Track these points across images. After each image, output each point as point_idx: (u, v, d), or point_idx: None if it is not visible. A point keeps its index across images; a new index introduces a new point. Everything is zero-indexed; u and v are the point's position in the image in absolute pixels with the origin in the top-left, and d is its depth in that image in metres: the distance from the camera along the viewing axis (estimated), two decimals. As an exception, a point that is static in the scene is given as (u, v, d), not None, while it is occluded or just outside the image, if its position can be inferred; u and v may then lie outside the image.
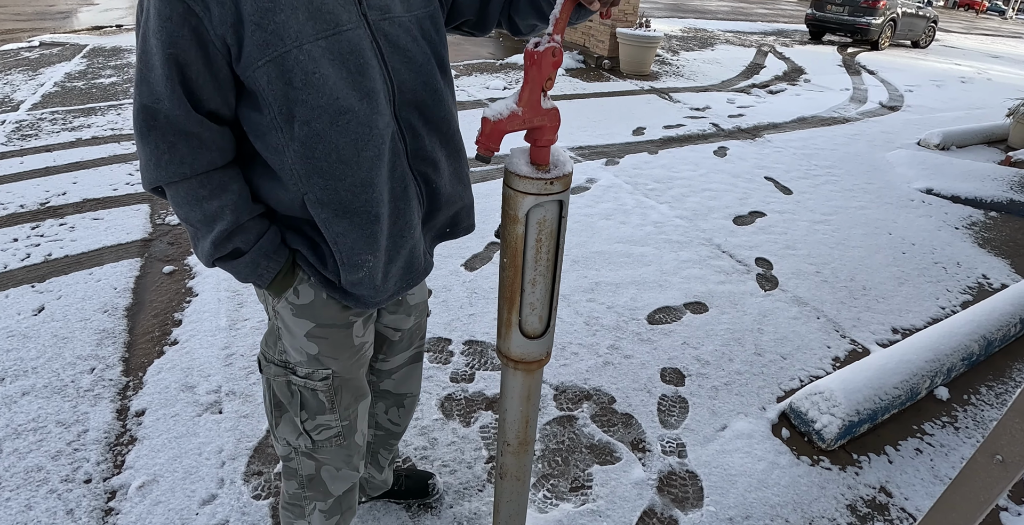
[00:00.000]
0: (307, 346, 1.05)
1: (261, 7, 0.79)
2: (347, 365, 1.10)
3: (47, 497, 1.63)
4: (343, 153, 0.88)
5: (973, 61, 11.93)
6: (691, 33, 11.64)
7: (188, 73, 0.81)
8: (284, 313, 1.04)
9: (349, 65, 0.86)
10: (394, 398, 1.40)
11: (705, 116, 5.86)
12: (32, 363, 2.11)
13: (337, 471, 1.19)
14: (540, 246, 0.84)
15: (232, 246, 0.93)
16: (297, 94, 0.83)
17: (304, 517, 1.24)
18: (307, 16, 0.82)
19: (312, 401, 1.09)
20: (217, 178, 0.90)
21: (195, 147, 0.86)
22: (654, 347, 2.40)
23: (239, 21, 0.79)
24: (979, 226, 3.87)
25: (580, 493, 1.75)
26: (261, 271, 0.96)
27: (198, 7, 0.77)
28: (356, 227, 0.94)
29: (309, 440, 1.12)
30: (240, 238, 0.93)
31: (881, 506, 1.81)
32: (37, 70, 6.34)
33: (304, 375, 1.07)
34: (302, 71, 0.82)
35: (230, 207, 0.90)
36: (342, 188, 0.91)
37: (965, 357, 2.36)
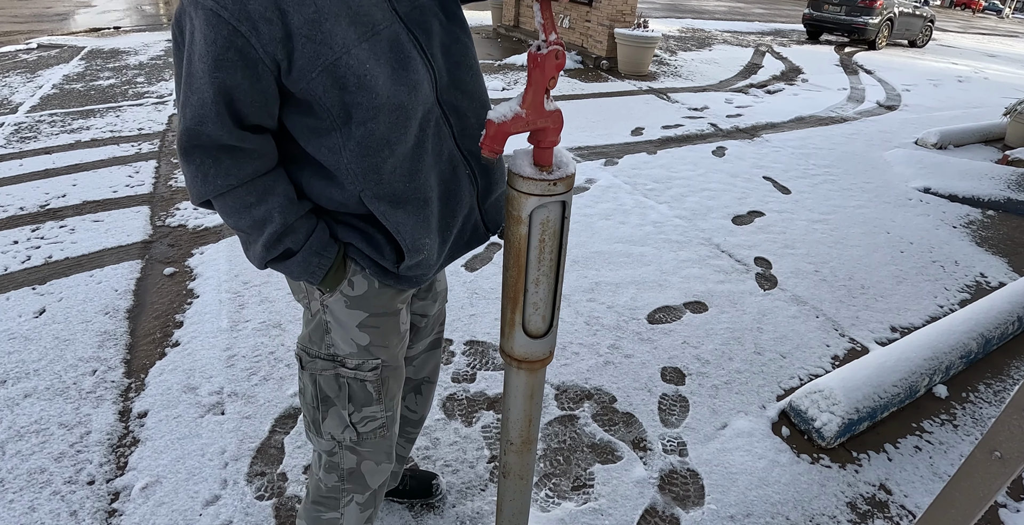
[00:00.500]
0: (358, 337, 1.07)
1: (308, 19, 0.80)
2: (394, 353, 1.13)
3: (51, 499, 1.64)
4: (394, 148, 0.91)
5: (970, 60, 11.96)
6: (689, 33, 11.66)
7: (235, 95, 0.83)
8: (335, 306, 1.06)
9: (392, 62, 0.88)
10: (412, 384, 1.43)
11: (703, 116, 5.88)
12: (34, 365, 2.12)
13: (377, 465, 1.21)
14: (543, 246, 0.85)
15: (283, 247, 0.95)
16: (352, 97, 0.85)
17: (338, 509, 1.24)
18: (348, 21, 0.84)
19: (360, 393, 1.11)
20: (262, 183, 0.91)
21: (239, 159, 0.88)
22: (654, 346, 2.41)
23: (288, 36, 0.80)
24: (977, 225, 3.89)
25: (582, 492, 1.76)
26: (313, 269, 0.97)
27: (244, 28, 0.78)
28: (411, 214, 0.97)
29: (355, 433, 1.14)
30: (290, 239, 0.94)
31: (881, 503, 1.82)
32: (35, 72, 6.34)
33: (354, 367, 1.09)
34: (354, 75, 0.84)
35: (277, 210, 0.92)
36: (395, 180, 0.94)
37: (964, 355, 2.37)
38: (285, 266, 0.97)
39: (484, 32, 10.32)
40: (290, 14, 0.79)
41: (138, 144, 4.35)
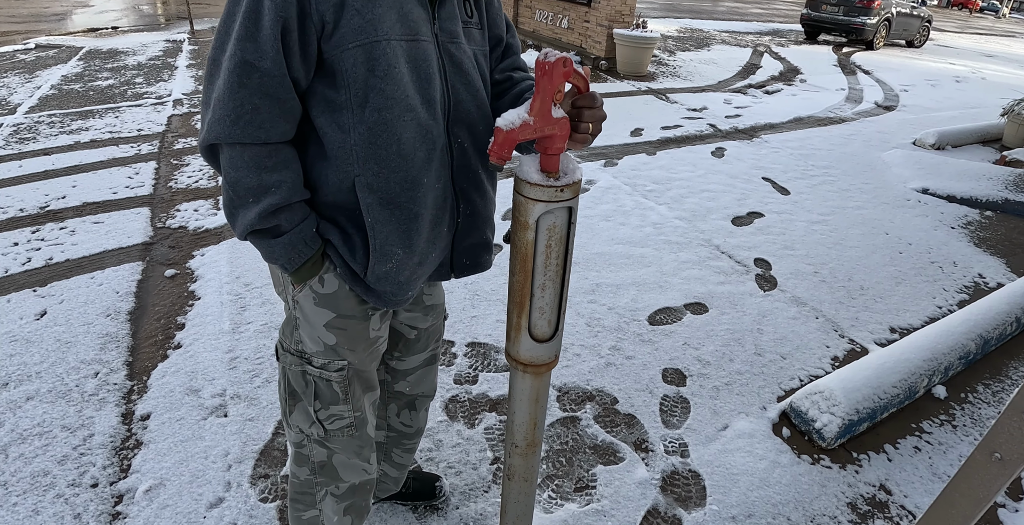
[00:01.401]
0: (325, 336, 1.07)
1: (351, 3, 0.85)
2: (362, 357, 1.12)
3: (54, 502, 1.64)
4: (403, 147, 0.93)
5: (967, 60, 12.00)
6: (687, 33, 11.68)
7: (288, 39, 0.86)
8: (304, 303, 1.06)
9: (419, 71, 0.93)
10: (406, 399, 1.42)
11: (702, 117, 5.89)
12: (36, 368, 2.12)
13: (348, 460, 1.21)
14: (550, 252, 0.86)
15: (276, 221, 0.94)
16: (376, 82, 0.89)
17: (315, 505, 1.25)
18: (397, 17, 0.89)
19: (326, 391, 1.12)
20: (284, 152, 0.93)
21: (276, 115, 0.89)
22: (655, 348, 2.42)
23: (341, 4, 0.85)
24: (975, 225, 3.91)
25: (584, 493, 1.76)
26: (294, 254, 0.97)
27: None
28: (395, 219, 0.98)
29: (322, 429, 1.15)
30: (285, 216, 0.94)
31: (881, 504, 1.83)
32: (33, 73, 6.33)
33: (320, 365, 1.10)
34: (386, 62, 0.88)
35: (288, 183, 0.93)
36: (393, 179, 0.95)
37: (962, 356, 2.38)
38: (268, 244, 0.96)
39: (483, 32, 10.31)
40: None
41: (138, 145, 4.35)
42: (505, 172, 4.00)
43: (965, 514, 1.17)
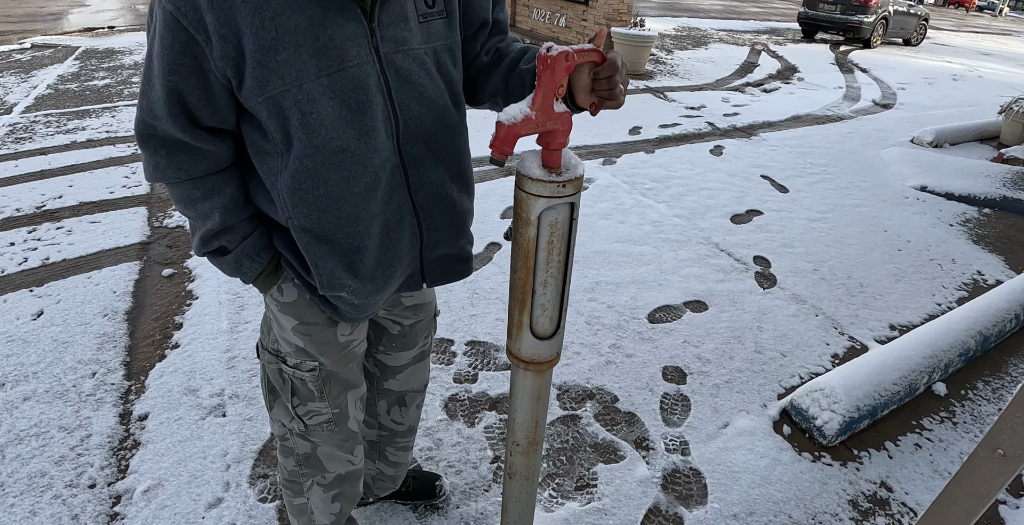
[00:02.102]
0: (294, 339, 1.08)
1: (263, 44, 0.79)
2: (334, 360, 1.12)
3: (52, 503, 1.63)
4: (331, 189, 0.90)
5: (964, 58, 12.02)
6: (685, 32, 11.67)
7: (187, 98, 0.83)
8: (272, 307, 1.08)
9: (350, 103, 0.86)
10: (396, 396, 1.40)
11: (700, 115, 5.89)
12: (33, 368, 2.11)
13: (332, 452, 1.21)
14: (552, 248, 0.85)
15: (218, 244, 0.97)
16: (295, 131, 0.85)
17: (303, 493, 1.26)
18: (311, 53, 0.81)
19: (302, 389, 1.12)
20: (211, 181, 0.93)
21: (193, 156, 0.89)
22: (655, 346, 2.41)
23: (240, 56, 0.79)
24: (973, 223, 3.91)
25: (586, 492, 1.76)
26: (244, 270, 1.00)
27: (200, 38, 0.78)
28: (336, 254, 0.96)
29: (302, 424, 1.16)
30: (226, 238, 0.97)
31: (882, 501, 1.83)
32: (29, 72, 6.30)
33: (293, 365, 1.10)
34: (299, 111, 0.83)
35: (220, 209, 0.94)
36: (326, 220, 0.93)
37: (962, 353, 2.38)
38: (218, 262, 1.00)
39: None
40: (246, 36, 0.78)
41: (134, 144, 4.33)
42: (504, 171, 3.99)
43: (967, 510, 1.17)
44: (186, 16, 0.77)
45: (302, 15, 0.80)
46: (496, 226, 3.25)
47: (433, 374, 2.17)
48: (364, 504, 1.67)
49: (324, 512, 1.29)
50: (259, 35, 0.78)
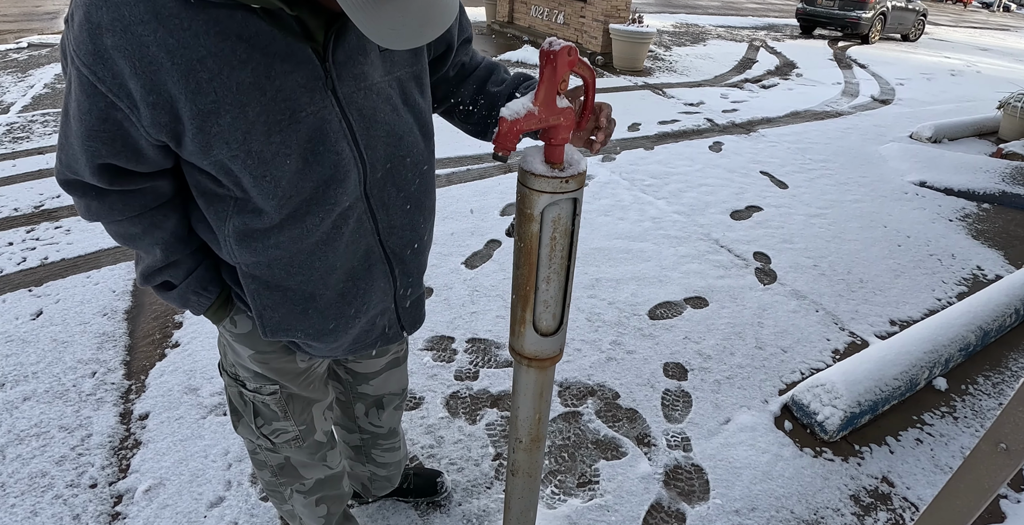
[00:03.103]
0: (251, 365, 1.04)
1: (202, 110, 0.69)
2: (295, 383, 1.09)
3: (53, 503, 1.63)
4: (286, 241, 0.84)
5: (962, 54, 12.01)
6: (683, 28, 11.66)
7: (113, 160, 0.75)
8: (225, 335, 1.04)
9: (306, 155, 0.78)
10: (372, 399, 1.34)
11: (699, 111, 5.88)
12: (32, 368, 2.10)
13: (306, 461, 1.20)
14: (555, 244, 0.85)
15: (162, 279, 0.92)
16: (249, 187, 0.77)
17: (286, 501, 1.25)
18: (259, 110, 0.72)
19: (265, 410, 1.09)
20: (150, 217, 0.85)
21: (126, 198, 0.81)
22: (656, 342, 2.41)
23: (176, 121, 0.70)
24: (972, 218, 3.91)
25: (588, 488, 1.76)
26: (191, 305, 0.95)
27: (124, 105, 0.68)
28: (287, 303, 0.92)
29: (269, 442, 1.14)
30: (170, 273, 0.91)
31: (884, 496, 1.83)
32: (26, 72, 6.28)
33: (253, 389, 1.07)
34: (250, 175, 0.75)
35: (160, 245, 0.87)
36: (277, 268, 0.88)
37: (962, 348, 2.38)
38: (163, 296, 0.94)
39: (478, 28, 10.28)
40: (181, 101, 0.68)
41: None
42: (503, 167, 3.98)
43: (969, 505, 1.17)
44: (104, 81, 0.66)
45: (244, 70, 0.69)
46: (496, 223, 3.24)
47: (434, 371, 2.17)
48: (365, 503, 1.67)
49: (311, 517, 1.28)
50: (196, 100, 0.68)
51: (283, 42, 0.71)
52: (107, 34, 0.65)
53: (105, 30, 0.64)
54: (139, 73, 0.66)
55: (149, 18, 0.65)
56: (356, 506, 1.65)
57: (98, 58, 0.65)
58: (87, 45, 0.65)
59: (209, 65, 0.68)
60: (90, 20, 0.64)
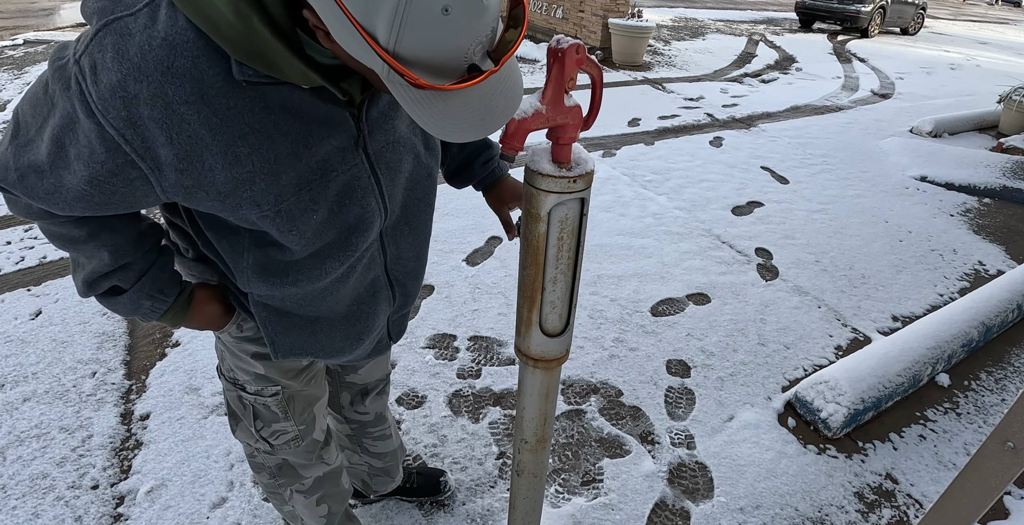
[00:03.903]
0: (253, 366, 1.03)
1: (237, 178, 0.68)
2: (297, 382, 1.08)
3: (54, 504, 1.62)
4: (304, 277, 0.85)
5: (961, 47, 11.98)
6: (681, 22, 11.61)
7: (100, 208, 0.70)
8: (226, 337, 1.02)
9: (333, 207, 0.78)
10: (358, 388, 1.36)
11: (699, 106, 5.86)
12: (32, 368, 2.09)
13: (304, 461, 1.20)
14: (562, 244, 0.83)
15: (108, 284, 0.82)
16: (271, 243, 0.79)
17: (287, 502, 1.25)
18: (293, 175, 0.71)
19: (265, 412, 1.09)
20: (99, 221, 0.76)
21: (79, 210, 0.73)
22: (659, 339, 2.41)
23: (198, 187, 0.68)
24: (973, 213, 3.90)
25: (592, 487, 1.75)
26: (144, 310, 0.86)
27: (146, 165, 0.64)
28: (295, 327, 0.93)
29: (267, 444, 1.13)
30: (119, 277, 0.82)
31: (888, 492, 1.83)
32: (22, 69, 6.24)
33: (254, 392, 1.06)
34: (276, 229, 0.75)
35: (109, 248, 0.78)
36: (289, 299, 0.89)
37: (965, 343, 2.38)
38: (110, 302, 0.85)
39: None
40: (216, 171, 0.66)
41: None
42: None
43: (976, 503, 1.17)
44: (131, 143, 0.62)
45: (284, 141, 0.68)
46: (497, 219, 3.23)
47: (436, 370, 2.16)
48: (368, 502, 1.66)
49: (312, 517, 1.28)
50: (231, 171, 0.67)
51: (324, 108, 0.71)
52: (144, 107, 0.61)
53: (143, 103, 0.60)
54: (175, 143, 0.63)
55: (195, 99, 0.62)
56: (359, 506, 1.65)
57: (130, 124, 0.61)
58: (119, 110, 0.61)
59: (251, 140, 0.66)
60: (126, 89, 0.60)
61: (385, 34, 0.52)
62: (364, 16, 0.51)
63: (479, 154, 1.13)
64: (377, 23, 0.51)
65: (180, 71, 0.60)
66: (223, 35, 0.59)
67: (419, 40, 0.52)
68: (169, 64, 0.60)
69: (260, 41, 0.60)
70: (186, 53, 0.60)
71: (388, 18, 0.51)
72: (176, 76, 0.60)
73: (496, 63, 0.59)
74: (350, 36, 0.54)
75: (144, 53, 0.59)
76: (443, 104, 0.58)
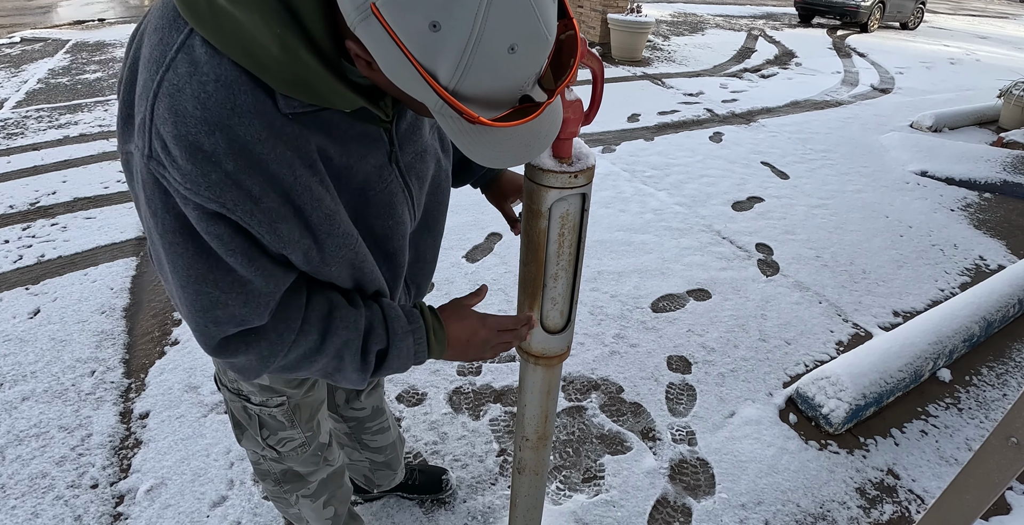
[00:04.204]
0: (258, 379, 1.00)
1: (321, 212, 0.68)
2: (301, 390, 1.07)
3: (54, 504, 1.61)
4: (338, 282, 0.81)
5: (961, 42, 11.94)
6: (681, 18, 11.57)
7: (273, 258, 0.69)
8: None
9: (368, 222, 0.77)
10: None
11: (699, 101, 5.84)
12: (31, 367, 2.08)
13: (309, 467, 1.19)
14: (563, 240, 0.82)
15: (373, 354, 0.79)
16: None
17: (292, 505, 1.24)
18: (342, 198, 0.72)
19: (271, 422, 1.07)
20: (314, 322, 0.75)
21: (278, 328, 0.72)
22: (659, 335, 2.40)
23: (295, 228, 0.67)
24: (974, 207, 3.89)
25: (593, 484, 1.75)
26: (411, 349, 0.82)
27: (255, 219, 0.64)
28: None
29: (274, 452, 1.12)
30: (373, 341, 0.79)
31: (889, 488, 1.82)
32: (20, 67, 6.22)
33: (259, 403, 1.04)
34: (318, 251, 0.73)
35: (342, 327, 0.76)
36: None
37: (966, 338, 2.37)
38: (386, 368, 0.81)
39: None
40: (304, 210, 0.67)
41: (127, 139, 4.27)
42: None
43: (979, 499, 1.16)
44: (236, 209, 0.62)
45: (330, 166, 0.69)
46: (497, 216, 3.22)
47: (435, 367, 2.15)
48: (370, 499, 1.66)
49: (319, 519, 1.27)
50: (312, 205, 0.67)
51: (360, 127, 0.71)
52: (226, 160, 0.59)
53: (223, 157, 0.59)
54: (266, 190, 0.62)
55: (266, 135, 0.60)
56: (361, 503, 1.64)
57: (224, 188, 0.60)
58: (205, 177, 0.59)
59: (313, 170, 0.66)
60: (202, 149, 0.58)
61: (448, 74, 0.51)
62: (427, 57, 0.50)
63: None
64: (440, 63, 0.50)
65: (244, 108, 0.59)
66: (268, 69, 0.58)
67: (482, 79, 0.51)
68: (232, 104, 0.58)
69: (307, 72, 0.58)
70: (243, 88, 0.58)
71: (454, 60, 0.49)
72: (242, 115, 0.59)
73: (545, 90, 0.58)
74: (406, 73, 0.52)
75: (202, 101, 0.57)
76: (492, 135, 0.58)
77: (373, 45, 0.52)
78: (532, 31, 0.50)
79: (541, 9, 0.51)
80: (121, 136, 0.66)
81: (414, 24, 0.49)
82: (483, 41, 0.49)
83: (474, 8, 0.47)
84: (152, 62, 0.59)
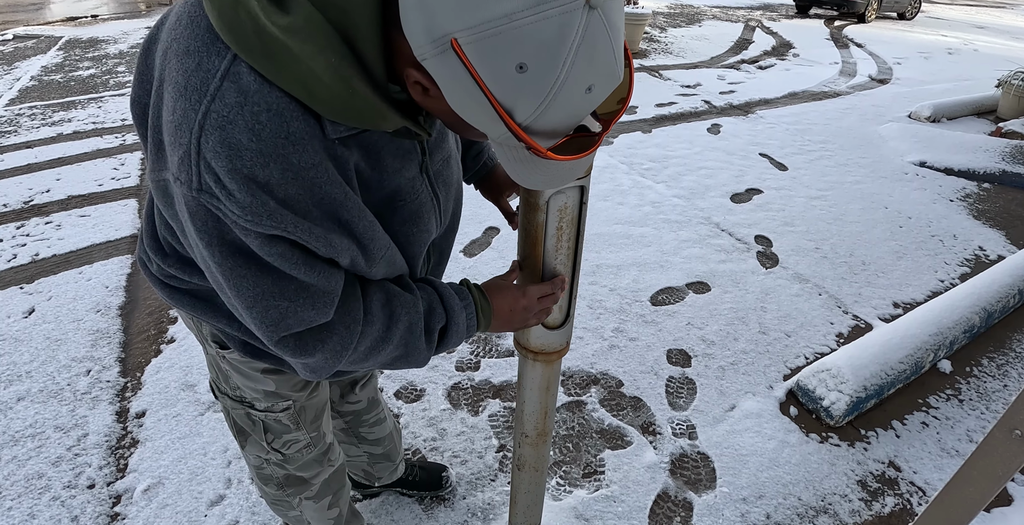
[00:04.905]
0: (262, 383, 0.99)
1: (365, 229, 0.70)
2: (305, 393, 1.05)
3: (50, 504, 1.60)
4: None
5: (959, 32, 11.89)
6: (677, 9, 11.51)
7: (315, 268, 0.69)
8: (231, 355, 0.97)
9: (395, 233, 0.78)
10: (349, 379, 1.33)
11: (696, 93, 5.81)
12: (26, 367, 2.06)
13: (312, 469, 1.17)
14: (561, 234, 0.81)
15: (436, 331, 0.82)
16: None
17: (294, 508, 1.23)
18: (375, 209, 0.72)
19: (276, 426, 1.06)
20: (377, 312, 0.76)
21: (345, 320, 0.73)
22: (659, 328, 2.39)
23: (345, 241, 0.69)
24: (973, 198, 3.88)
25: (593, 479, 1.74)
26: (465, 322, 0.84)
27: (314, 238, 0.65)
28: None
29: (280, 454, 1.10)
30: (435, 321, 0.81)
31: (891, 481, 1.81)
32: (12, 64, 6.16)
33: (264, 408, 1.02)
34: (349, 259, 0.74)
35: (405, 312, 0.77)
36: None
37: (967, 329, 2.36)
38: (444, 346, 0.84)
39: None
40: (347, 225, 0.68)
41: (122, 135, 4.24)
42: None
43: (982, 491, 1.15)
44: (295, 232, 0.63)
45: (369, 181, 0.70)
46: (494, 209, 3.20)
47: (435, 363, 2.14)
48: (369, 496, 1.65)
49: (322, 520, 1.26)
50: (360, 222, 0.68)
51: (396, 142, 0.71)
52: (281, 188, 0.59)
53: (276, 186, 0.58)
54: (323, 212, 0.63)
55: (320, 159, 0.60)
56: (361, 499, 1.63)
57: (282, 214, 0.60)
58: (264, 207, 0.59)
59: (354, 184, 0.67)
60: (257, 180, 0.57)
61: (525, 113, 0.51)
62: (507, 96, 0.50)
63: (469, 147, 1.10)
64: (519, 103, 0.51)
65: (296, 136, 0.58)
66: (318, 98, 0.57)
67: (556, 116, 0.52)
68: (286, 133, 0.57)
69: (358, 100, 0.58)
70: (295, 115, 0.58)
71: (535, 100, 0.50)
72: (296, 142, 0.58)
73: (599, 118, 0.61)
74: (475, 106, 0.52)
75: (256, 132, 0.56)
76: (548, 163, 0.59)
77: (444, 78, 0.52)
78: (609, 71, 0.52)
79: (618, 50, 0.52)
80: (154, 164, 0.64)
81: (500, 65, 0.48)
82: (566, 83, 0.49)
83: (564, 53, 0.48)
84: (191, 90, 0.57)
